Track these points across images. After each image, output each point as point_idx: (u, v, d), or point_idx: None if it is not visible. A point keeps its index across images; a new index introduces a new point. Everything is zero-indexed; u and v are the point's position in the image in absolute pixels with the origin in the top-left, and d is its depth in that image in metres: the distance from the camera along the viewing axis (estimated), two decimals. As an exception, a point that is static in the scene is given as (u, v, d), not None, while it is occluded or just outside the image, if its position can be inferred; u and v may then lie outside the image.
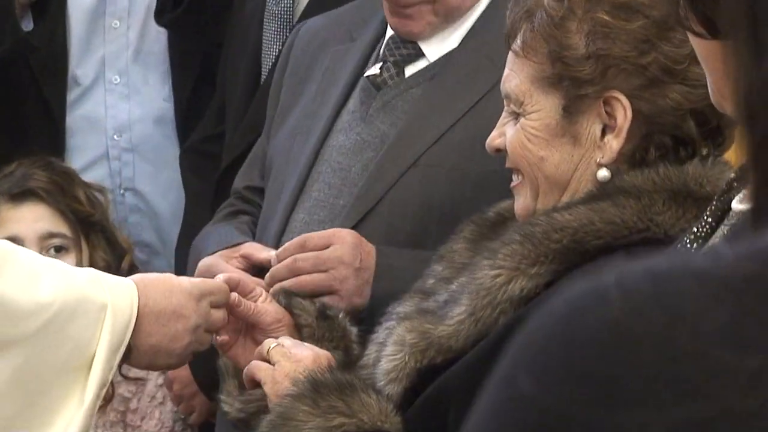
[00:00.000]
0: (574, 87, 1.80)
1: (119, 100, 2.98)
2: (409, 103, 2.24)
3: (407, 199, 2.19)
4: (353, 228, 2.16)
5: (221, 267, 2.19)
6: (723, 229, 1.45)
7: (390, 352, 1.79)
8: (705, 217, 1.50)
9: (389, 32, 2.31)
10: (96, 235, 2.60)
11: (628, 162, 1.81)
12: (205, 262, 2.31)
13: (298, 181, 2.30)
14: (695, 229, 1.50)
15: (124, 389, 2.61)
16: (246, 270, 2.23)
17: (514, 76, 1.82)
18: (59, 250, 2.54)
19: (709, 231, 1.48)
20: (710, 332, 0.55)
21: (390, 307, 1.87)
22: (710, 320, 0.55)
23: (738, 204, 1.43)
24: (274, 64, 2.59)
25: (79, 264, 2.50)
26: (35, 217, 2.54)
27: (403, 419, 1.77)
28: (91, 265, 2.47)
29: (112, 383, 2.19)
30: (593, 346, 0.56)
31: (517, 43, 1.82)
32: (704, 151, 1.80)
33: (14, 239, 2.42)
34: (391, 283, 2.03)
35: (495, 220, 1.90)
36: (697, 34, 1.33)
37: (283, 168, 2.36)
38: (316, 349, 1.92)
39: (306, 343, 1.93)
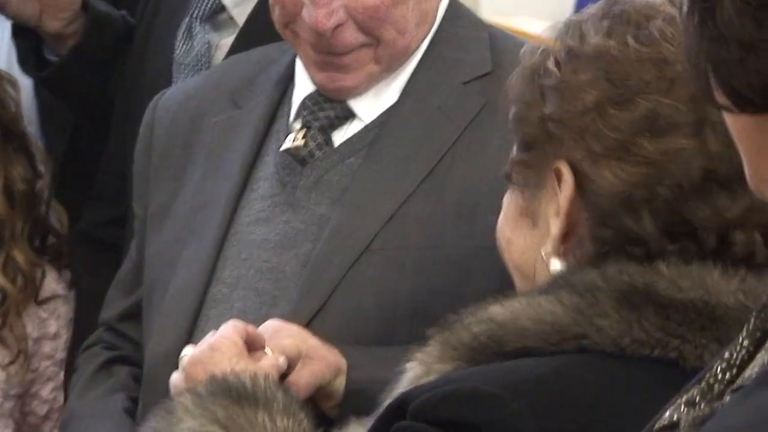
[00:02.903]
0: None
1: None
2: (347, 177, 2.12)
3: (363, 294, 2.05)
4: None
5: None
6: (764, 356, 1.22)
7: None
8: (740, 340, 1.27)
9: (301, 90, 2.17)
10: (12, 149, 2.53)
11: (579, 255, 1.64)
12: None
13: (197, 294, 2.12)
14: (727, 355, 1.27)
15: None
16: None
17: None
18: None
19: (746, 357, 1.25)
20: None
21: None
22: None
23: None
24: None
25: None
26: None
27: None
28: (6, 188, 2.45)
29: None
30: None
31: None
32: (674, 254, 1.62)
33: None
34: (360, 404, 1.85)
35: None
36: (723, 108, 1.17)
37: (168, 280, 2.18)
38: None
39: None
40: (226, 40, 2.58)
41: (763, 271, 1.62)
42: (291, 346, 1.96)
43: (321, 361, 1.97)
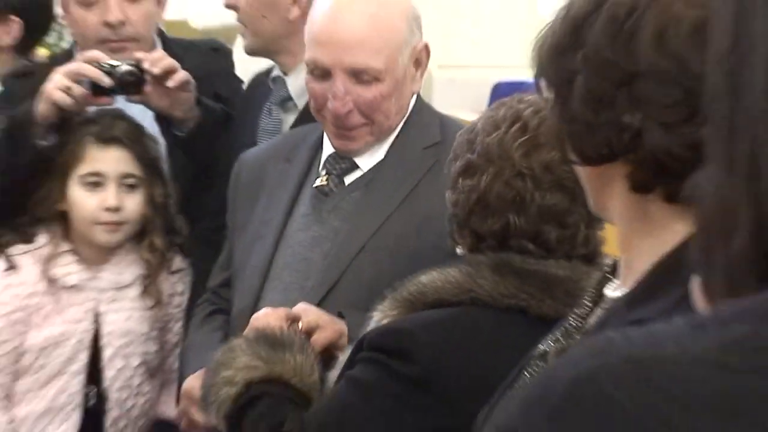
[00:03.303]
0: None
1: None
2: (352, 205, 2.37)
3: (360, 277, 2.30)
4: (320, 301, 2.29)
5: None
6: (598, 311, 1.55)
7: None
8: (585, 301, 1.60)
9: (326, 151, 2.43)
10: (155, 177, 2.74)
11: (491, 249, 1.94)
12: (187, 385, 2.46)
13: (261, 272, 2.42)
14: (576, 311, 1.61)
15: None
16: None
17: None
18: (131, 188, 2.70)
19: (588, 311, 1.59)
20: (697, 408, 0.51)
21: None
22: (694, 396, 0.52)
23: (611, 292, 1.54)
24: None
25: (144, 199, 2.70)
26: (117, 159, 2.68)
27: (321, 380, 2.01)
28: (151, 200, 2.70)
29: None
30: (575, 422, 0.53)
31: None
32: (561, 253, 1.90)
33: (98, 175, 2.67)
34: None
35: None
36: (575, 162, 1.49)
37: (247, 264, 2.47)
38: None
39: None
40: (290, 118, 2.82)
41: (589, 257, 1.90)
42: (313, 320, 2.15)
43: (331, 329, 2.17)
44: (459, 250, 1.92)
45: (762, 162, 0.57)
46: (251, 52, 2.88)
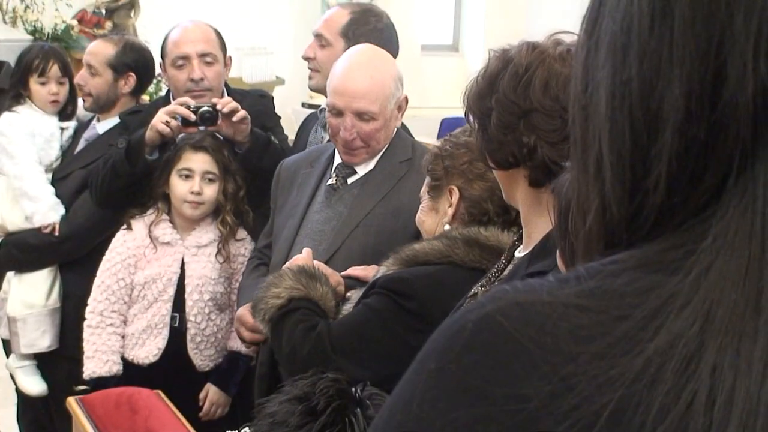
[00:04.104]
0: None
1: None
2: (351, 198, 2.36)
3: (355, 245, 2.29)
4: (329, 259, 2.24)
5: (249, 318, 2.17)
6: (510, 266, 1.55)
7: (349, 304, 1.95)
8: (502, 261, 1.59)
9: (337, 161, 2.39)
10: (229, 175, 2.67)
11: (462, 222, 1.88)
12: (239, 312, 2.40)
13: (290, 239, 2.40)
14: (496, 266, 1.60)
15: None
16: None
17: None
18: (210, 181, 2.64)
19: (504, 267, 1.58)
20: (564, 335, 0.49)
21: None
22: (562, 326, 0.49)
23: (518, 254, 1.55)
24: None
25: (219, 189, 2.65)
26: (203, 161, 2.64)
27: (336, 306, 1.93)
28: (225, 191, 2.65)
29: None
30: (493, 346, 0.50)
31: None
32: (499, 221, 1.84)
33: (189, 170, 2.63)
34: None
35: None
36: (492, 168, 1.51)
37: (281, 234, 2.44)
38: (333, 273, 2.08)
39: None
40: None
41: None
42: (324, 270, 2.09)
43: (334, 277, 2.11)
44: (446, 227, 1.88)
45: (604, 167, 0.55)
46: (316, 89, 2.82)
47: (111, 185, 2.71)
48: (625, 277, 0.51)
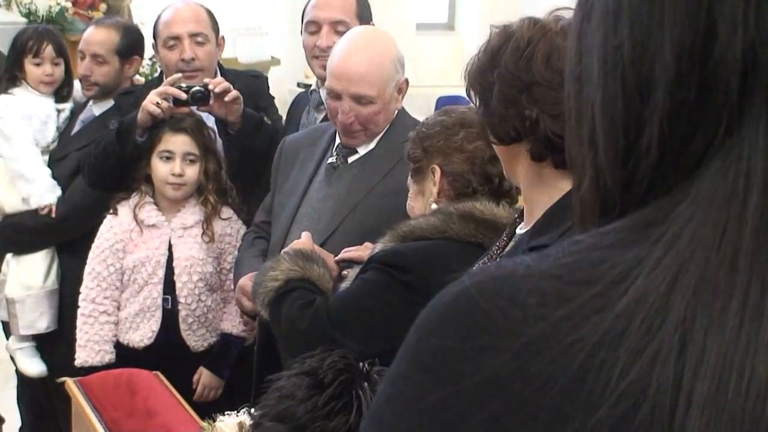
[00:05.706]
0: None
1: None
2: (351, 177, 2.35)
3: (353, 225, 2.27)
4: (327, 239, 2.24)
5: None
6: (511, 244, 1.54)
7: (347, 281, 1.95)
8: (503, 237, 1.58)
9: (337, 141, 2.38)
10: (209, 155, 2.67)
11: (448, 198, 1.89)
12: (241, 281, 2.41)
13: (290, 217, 2.39)
14: (497, 243, 1.58)
15: None
16: None
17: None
18: (191, 162, 2.64)
19: (505, 244, 1.57)
20: (533, 304, 0.49)
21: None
22: (532, 296, 0.49)
23: (519, 230, 1.53)
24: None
25: (200, 170, 2.64)
26: (183, 142, 2.63)
27: (334, 287, 1.94)
28: (206, 171, 2.65)
29: None
30: (464, 318, 0.50)
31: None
32: (485, 191, 1.84)
33: (169, 152, 2.62)
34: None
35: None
36: (493, 143, 1.49)
37: (281, 211, 2.43)
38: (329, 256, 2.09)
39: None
40: (321, 116, 2.73)
41: (515, 203, 1.85)
42: (321, 253, 2.11)
43: (330, 259, 2.12)
44: (434, 206, 1.88)
45: (597, 135, 0.55)
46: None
47: (102, 166, 2.70)
48: (605, 243, 0.51)
